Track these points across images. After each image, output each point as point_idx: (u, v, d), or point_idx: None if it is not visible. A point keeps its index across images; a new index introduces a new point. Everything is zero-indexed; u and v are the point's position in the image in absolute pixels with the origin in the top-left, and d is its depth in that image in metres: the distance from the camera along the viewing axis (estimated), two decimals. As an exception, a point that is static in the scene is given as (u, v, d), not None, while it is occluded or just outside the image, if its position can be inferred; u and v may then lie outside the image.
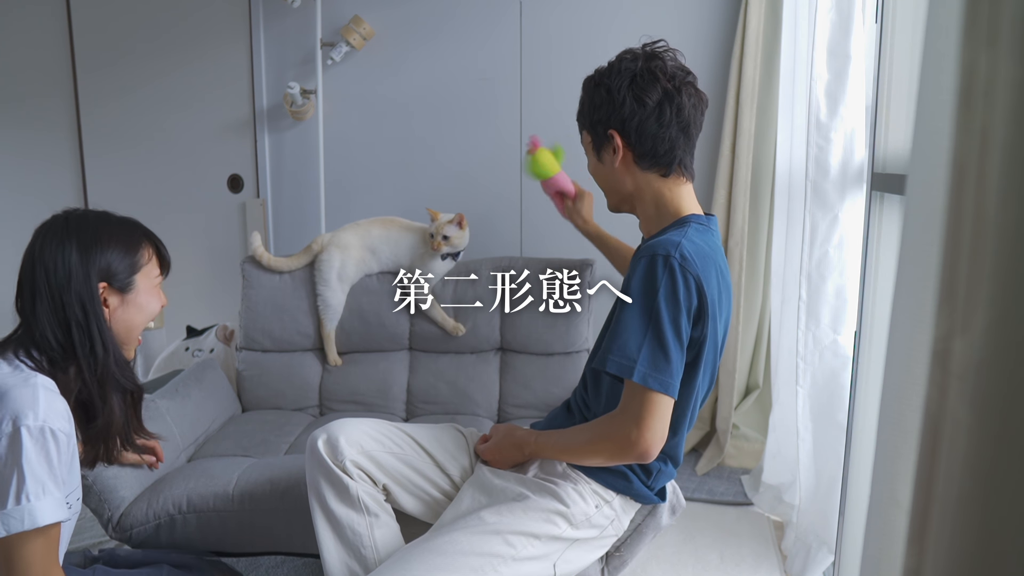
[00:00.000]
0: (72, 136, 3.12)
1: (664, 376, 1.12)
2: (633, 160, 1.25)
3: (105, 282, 1.12)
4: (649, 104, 1.21)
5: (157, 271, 1.22)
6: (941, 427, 0.43)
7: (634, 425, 1.13)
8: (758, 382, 2.45)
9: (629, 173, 1.27)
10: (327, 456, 1.26)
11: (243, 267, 2.10)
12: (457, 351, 2.05)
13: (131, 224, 1.20)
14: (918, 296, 0.47)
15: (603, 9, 2.43)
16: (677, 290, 1.12)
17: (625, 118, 1.22)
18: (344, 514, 1.25)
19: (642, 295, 1.14)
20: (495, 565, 1.15)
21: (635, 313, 1.14)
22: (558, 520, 1.21)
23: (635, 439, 1.12)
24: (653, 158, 1.24)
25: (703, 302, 1.14)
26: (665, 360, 1.12)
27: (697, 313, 1.14)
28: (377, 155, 2.72)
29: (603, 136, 1.26)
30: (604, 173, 1.31)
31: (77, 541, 1.91)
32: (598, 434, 1.21)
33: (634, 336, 1.13)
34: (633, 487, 1.26)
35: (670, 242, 1.16)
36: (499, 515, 1.20)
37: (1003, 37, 0.39)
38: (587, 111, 1.28)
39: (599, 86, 1.25)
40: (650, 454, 1.14)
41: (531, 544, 1.19)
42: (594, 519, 1.25)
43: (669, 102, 1.21)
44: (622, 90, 1.21)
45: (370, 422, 1.35)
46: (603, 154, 1.28)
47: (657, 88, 1.21)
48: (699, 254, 1.16)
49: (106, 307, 1.12)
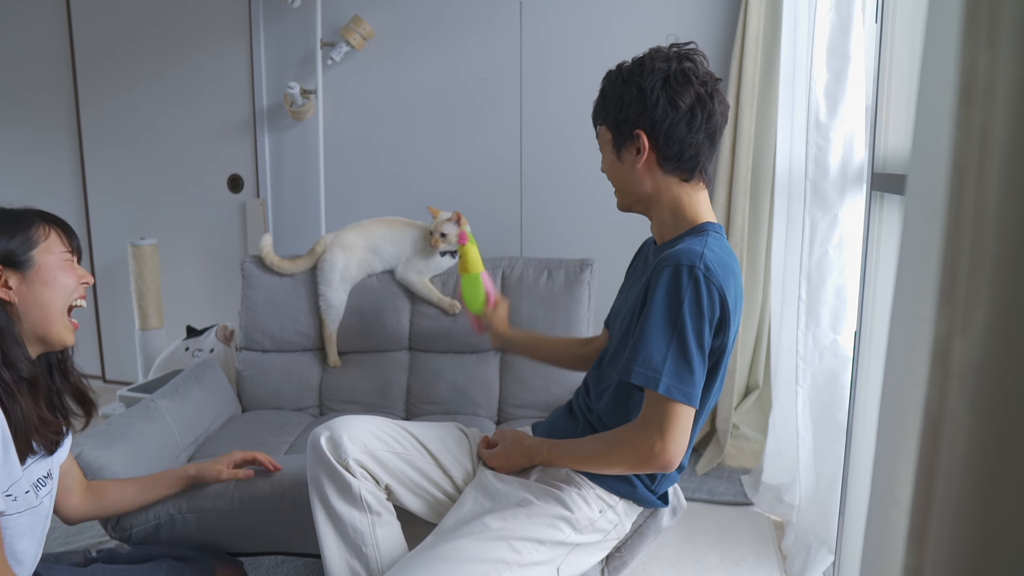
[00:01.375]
0: (72, 136, 3.12)
1: (688, 387, 1.11)
2: (657, 162, 1.22)
3: (0, 264, 1.11)
4: (682, 107, 1.18)
5: (63, 248, 1.18)
6: (941, 427, 0.43)
7: (658, 436, 1.12)
8: (758, 382, 2.45)
9: (650, 175, 1.23)
10: (330, 454, 1.25)
11: (243, 267, 2.10)
12: (457, 351, 2.05)
13: (25, 210, 1.18)
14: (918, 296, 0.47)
15: (603, 9, 2.43)
16: (702, 301, 1.11)
17: (656, 119, 1.18)
18: (346, 512, 1.24)
19: (666, 305, 1.12)
20: (500, 571, 1.15)
21: (659, 323, 1.12)
22: (562, 525, 1.21)
23: (659, 450, 1.12)
24: (678, 162, 1.21)
25: (725, 312, 1.13)
26: (689, 371, 1.11)
27: (719, 323, 1.13)
28: (377, 155, 2.72)
29: (628, 135, 1.22)
30: (623, 172, 1.26)
31: (77, 541, 1.91)
32: (619, 443, 1.19)
33: (659, 347, 1.11)
34: (638, 492, 1.26)
35: (693, 252, 1.13)
36: (503, 520, 1.20)
37: (1003, 37, 0.39)
38: (612, 108, 1.23)
39: (628, 83, 1.20)
40: (672, 464, 1.13)
41: (536, 550, 1.19)
42: (598, 524, 1.24)
43: (701, 107, 1.18)
44: (655, 90, 1.18)
45: (373, 420, 1.34)
46: (624, 153, 1.24)
47: (691, 91, 1.18)
48: (720, 264, 1.14)
49: (8, 288, 1.11)
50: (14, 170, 3.24)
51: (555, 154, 2.53)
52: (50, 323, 1.14)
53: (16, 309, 1.11)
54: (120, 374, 3.28)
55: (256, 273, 2.09)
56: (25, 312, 1.12)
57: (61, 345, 1.17)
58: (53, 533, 1.90)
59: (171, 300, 3.03)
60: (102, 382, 3.30)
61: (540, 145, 2.54)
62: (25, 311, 1.12)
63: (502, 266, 2.04)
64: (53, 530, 1.84)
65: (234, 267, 2.89)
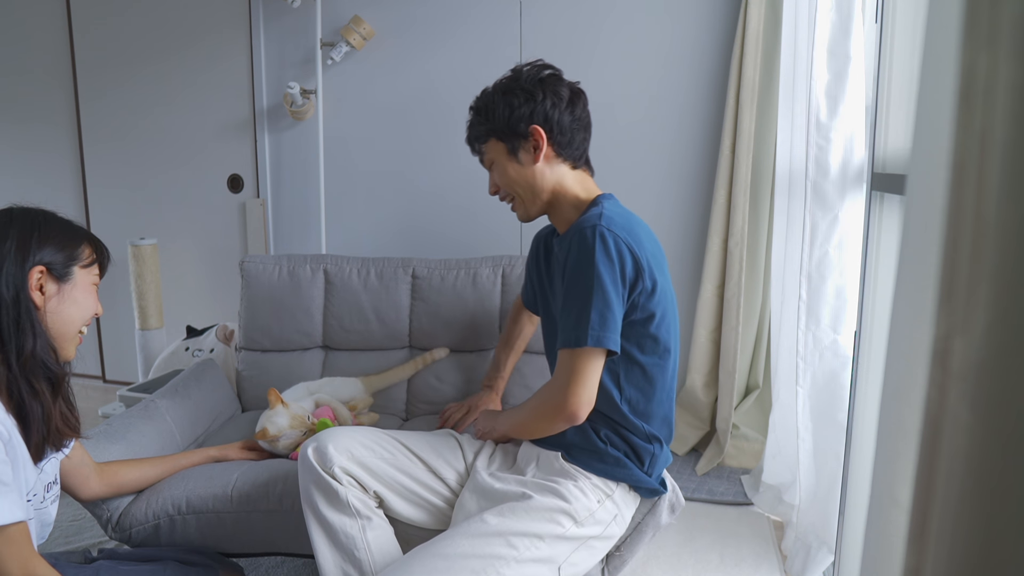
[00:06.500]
0: (72, 136, 3.12)
1: (602, 331, 1.19)
2: (554, 153, 1.35)
3: (43, 267, 1.13)
4: (564, 97, 1.34)
5: (97, 274, 1.24)
6: (941, 427, 0.43)
7: (564, 387, 1.21)
8: (758, 382, 2.45)
9: (549, 167, 1.35)
10: (316, 463, 1.28)
11: (243, 267, 2.10)
12: (458, 351, 2.05)
13: (79, 227, 1.23)
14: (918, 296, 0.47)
15: (603, 9, 2.43)
16: (609, 249, 1.20)
17: (547, 112, 1.32)
18: (336, 519, 1.26)
19: (580, 267, 1.22)
20: (497, 567, 1.15)
21: (577, 286, 1.22)
22: (562, 519, 1.22)
23: (563, 401, 1.22)
24: (570, 148, 1.36)
25: (635, 259, 1.22)
26: (607, 314, 1.19)
27: (634, 270, 1.22)
28: (377, 155, 2.72)
29: (523, 134, 1.33)
30: (525, 174, 1.36)
31: (77, 541, 1.91)
32: (536, 403, 1.31)
33: (578, 307, 1.21)
34: (632, 474, 1.29)
35: (593, 216, 1.25)
36: (501, 516, 1.20)
37: (1003, 37, 0.39)
38: (500, 117, 1.34)
39: (509, 92, 1.34)
40: (578, 414, 1.22)
41: (535, 546, 1.19)
42: (597, 514, 1.25)
43: (576, 97, 1.36)
44: (536, 88, 1.33)
45: (360, 430, 1.37)
46: (522, 154, 1.35)
47: (564, 85, 1.35)
48: (621, 215, 1.26)
49: (42, 294, 1.12)
50: (14, 170, 3.24)
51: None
52: (64, 338, 1.17)
53: (42, 314, 1.13)
54: (120, 374, 3.28)
55: (256, 273, 2.09)
56: (48, 322, 1.14)
57: (64, 359, 1.19)
58: (53, 533, 1.90)
59: (171, 300, 3.03)
60: (102, 382, 3.30)
61: (540, 145, 2.55)
62: (48, 321, 1.14)
63: (502, 265, 2.04)
64: (53, 530, 1.84)
65: (234, 267, 2.89)
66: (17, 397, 1.08)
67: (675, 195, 2.46)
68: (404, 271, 2.07)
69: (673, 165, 2.44)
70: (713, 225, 2.32)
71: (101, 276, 1.25)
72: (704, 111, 2.39)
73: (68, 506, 2.03)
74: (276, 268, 2.09)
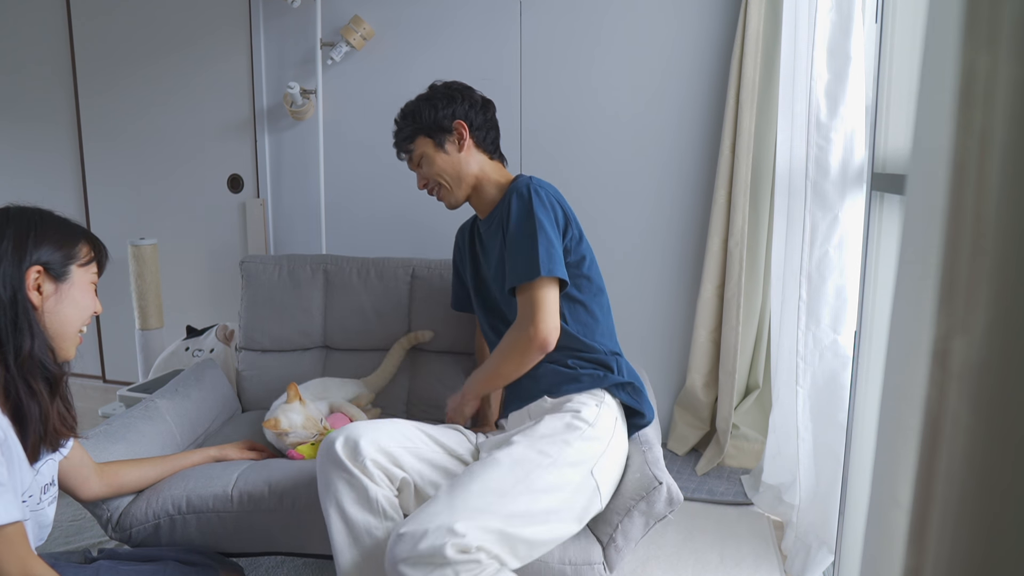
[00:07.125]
0: (72, 135, 3.12)
1: (552, 263, 1.40)
2: (475, 144, 1.61)
3: (41, 266, 1.12)
4: (477, 101, 1.63)
5: (95, 272, 1.23)
6: (941, 427, 0.43)
7: (529, 322, 1.40)
8: (758, 382, 2.45)
9: (472, 156, 1.61)
10: (345, 458, 1.27)
11: (243, 267, 2.10)
12: (457, 351, 2.05)
13: (76, 225, 1.22)
14: (918, 296, 0.47)
15: (602, 9, 2.43)
16: (543, 199, 1.47)
17: (467, 110, 1.60)
18: (360, 517, 1.25)
19: (521, 216, 1.45)
20: (534, 470, 1.25)
21: (519, 233, 1.43)
22: (577, 422, 1.35)
23: (533, 333, 1.40)
24: (486, 142, 1.63)
25: (564, 210, 1.50)
26: (552, 247, 1.41)
27: (564, 218, 1.48)
28: (377, 155, 2.71)
29: (448, 129, 1.58)
30: (453, 162, 1.59)
31: (77, 541, 1.91)
32: (504, 348, 1.46)
33: (524, 249, 1.41)
34: (608, 378, 1.45)
35: (521, 181, 1.53)
36: (524, 436, 1.32)
37: (1003, 37, 0.39)
38: (427, 117, 1.58)
39: (432, 98, 1.60)
40: (549, 341, 1.40)
41: (563, 452, 1.29)
42: (603, 417, 1.38)
43: (486, 102, 1.65)
44: (455, 93, 1.61)
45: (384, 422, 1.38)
46: (448, 146, 1.59)
47: (475, 93, 1.65)
48: (545, 182, 1.55)
49: (39, 293, 1.12)
50: (14, 169, 3.24)
51: (554, 154, 2.53)
52: (63, 338, 1.16)
53: (40, 314, 1.12)
54: (120, 374, 3.28)
55: (256, 273, 2.09)
56: (46, 321, 1.13)
57: (64, 359, 1.19)
58: (53, 533, 1.90)
59: (171, 300, 3.03)
60: (102, 382, 3.30)
61: (540, 145, 2.54)
62: (46, 321, 1.13)
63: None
64: (53, 530, 1.84)
65: (234, 267, 2.89)
66: (14, 397, 1.08)
67: (675, 195, 2.46)
68: (404, 271, 2.07)
69: (673, 165, 2.44)
70: (713, 225, 2.32)
71: (99, 275, 1.24)
72: (704, 111, 2.39)
73: (68, 506, 2.03)
74: (276, 268, 2.09)
